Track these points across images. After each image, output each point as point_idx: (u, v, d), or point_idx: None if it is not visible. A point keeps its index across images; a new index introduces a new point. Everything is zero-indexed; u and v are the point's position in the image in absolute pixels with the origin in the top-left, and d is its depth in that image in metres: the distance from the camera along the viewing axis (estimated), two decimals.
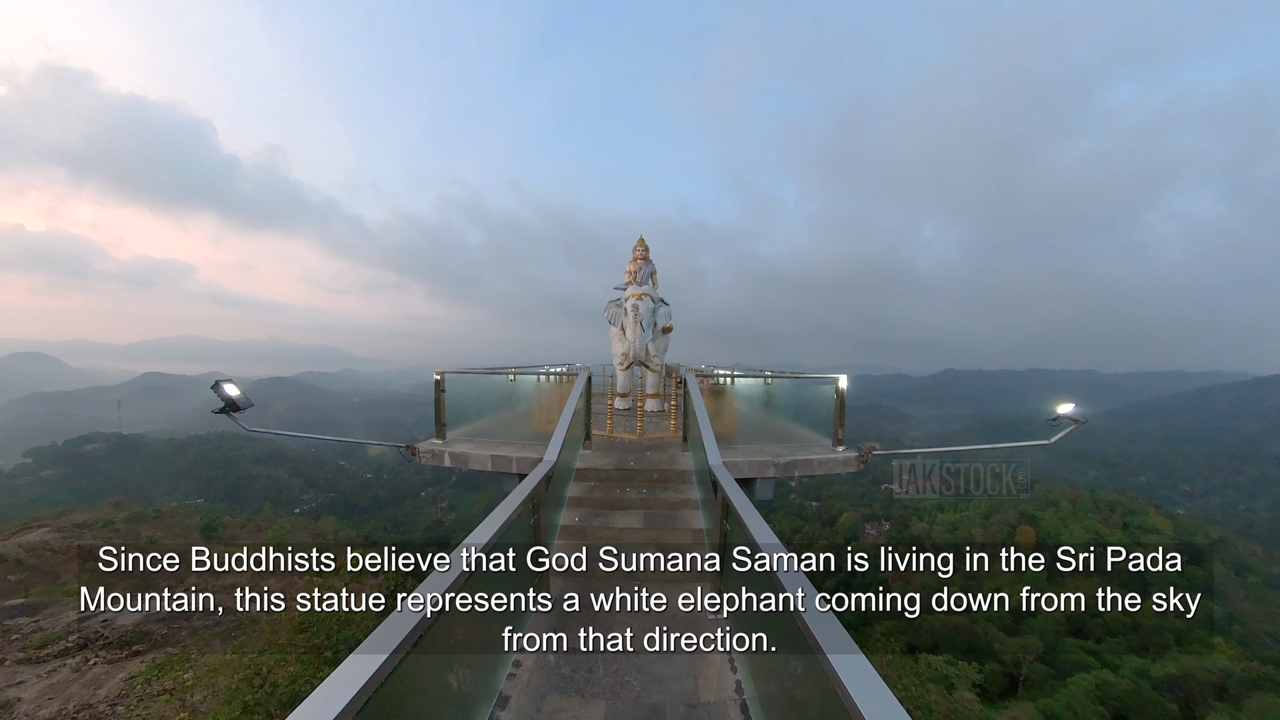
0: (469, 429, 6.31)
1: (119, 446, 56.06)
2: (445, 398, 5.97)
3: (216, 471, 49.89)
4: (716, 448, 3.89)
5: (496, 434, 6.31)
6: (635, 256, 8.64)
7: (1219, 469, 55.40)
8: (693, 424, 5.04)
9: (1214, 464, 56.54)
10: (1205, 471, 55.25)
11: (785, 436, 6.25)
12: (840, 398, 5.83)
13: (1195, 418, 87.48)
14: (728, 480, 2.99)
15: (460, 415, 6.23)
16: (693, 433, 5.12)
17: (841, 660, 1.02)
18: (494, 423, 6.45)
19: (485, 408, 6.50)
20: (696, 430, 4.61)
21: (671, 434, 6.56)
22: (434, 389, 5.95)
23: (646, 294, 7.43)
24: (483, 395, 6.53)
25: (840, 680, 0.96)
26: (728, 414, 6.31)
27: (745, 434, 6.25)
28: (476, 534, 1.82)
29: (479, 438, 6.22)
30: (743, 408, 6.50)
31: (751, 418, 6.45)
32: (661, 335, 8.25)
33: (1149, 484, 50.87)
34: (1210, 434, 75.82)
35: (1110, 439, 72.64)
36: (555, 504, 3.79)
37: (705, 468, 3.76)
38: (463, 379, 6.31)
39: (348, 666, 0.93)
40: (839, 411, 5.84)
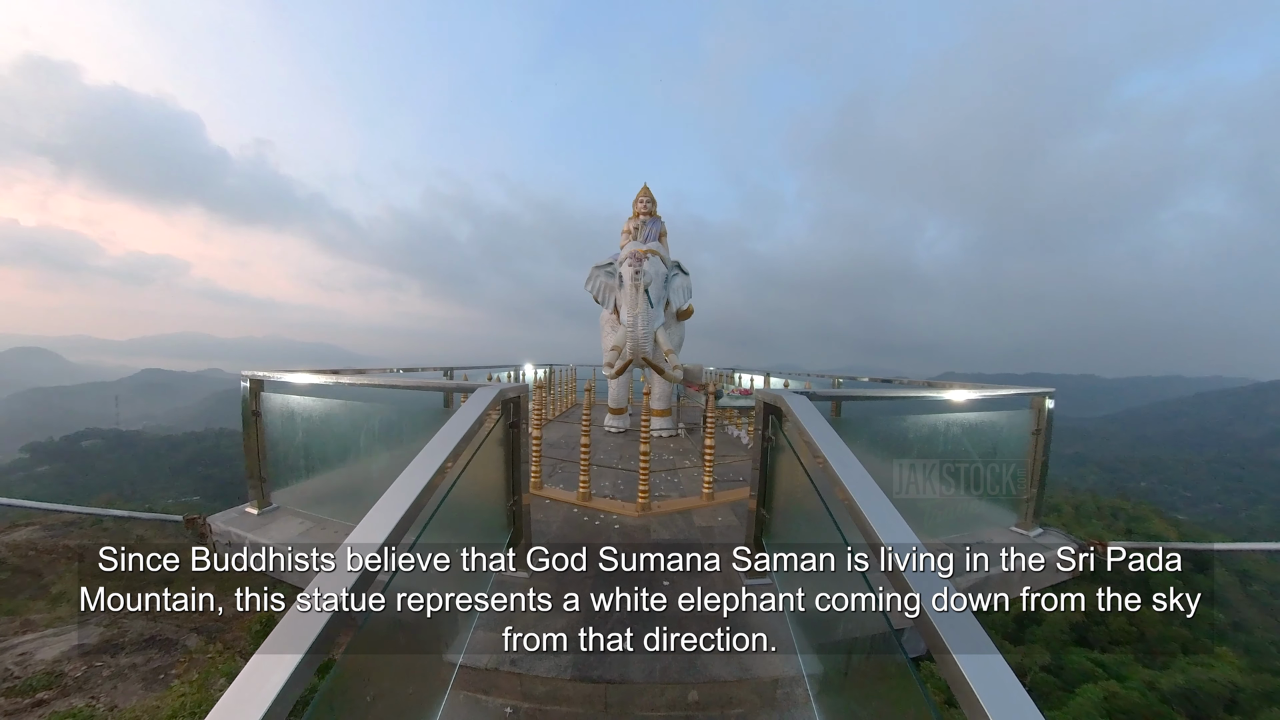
0: (319, 484, 2.95)
1: (116, 443, 55.91)
2: (265, 427, 2.92)
3: (214, 469, 49.75)
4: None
5: (364, 497, 1.96)
6: (636, 212, 6.19)
7: (1220, 475, 55.30)
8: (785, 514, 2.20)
9: (1215, 470, 56.46)
10: (1206, 477, 55.16)
11: (916, 508, 2.77)
12: (1042, 433, 2.86)
13: (1196, 423, 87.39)
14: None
15: (309, 456, 2.93)
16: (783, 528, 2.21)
17: (972, 661, 0.86)
18: (361, 477, 2.79)
19: (346, 446, 2.84)
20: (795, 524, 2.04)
21: (704, 501, 3.50)
22: (243, 409, 2.89)
23: (655, 252, 5.13)
24: (350, 422, 2.83)
25: (966, 681, 0.83)
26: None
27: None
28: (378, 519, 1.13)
29: (329, 504, 2.92)
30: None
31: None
32: (676, 322, 5.70)
33: (1150, 489, 50.75)
34: (1211, 440, 75.69)
35: (1111, 444, 72.51)
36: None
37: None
38: (326, 385, 2.91)
39: (257, 665, 0.75)
40: (1037, 459, 2.86)
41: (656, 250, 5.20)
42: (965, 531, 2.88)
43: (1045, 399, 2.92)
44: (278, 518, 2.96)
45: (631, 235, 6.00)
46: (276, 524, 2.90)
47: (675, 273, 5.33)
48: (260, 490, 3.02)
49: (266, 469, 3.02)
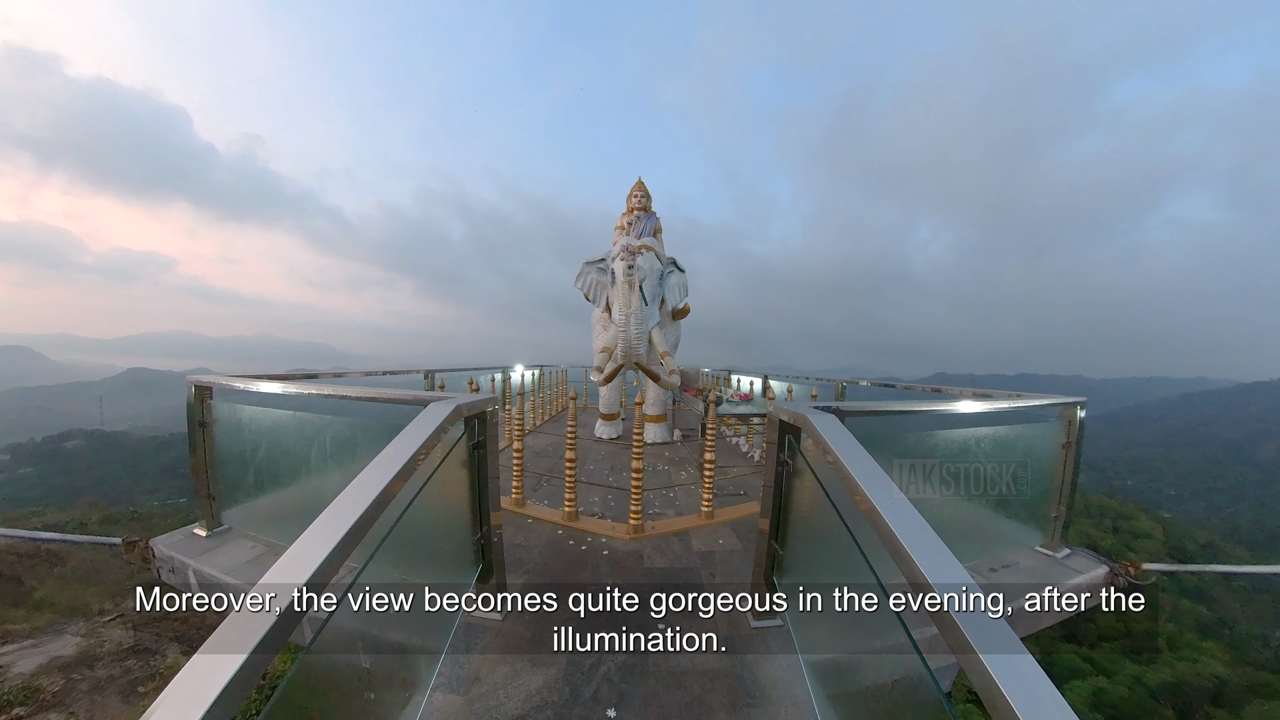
0: (275, 502, 2.60)
1: (100, 444, 54.98)
2: (214, 439, 2.63)
3: None
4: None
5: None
6: (630, 206, 5.92)
7: (1203, 473, 56.31)
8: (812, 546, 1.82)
9: (1198, 468, 57.47)
10: (1190, 476, 56.14)
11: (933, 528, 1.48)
12: (1073, 446, 2.66)
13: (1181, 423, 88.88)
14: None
15: (263, 472, 2.59)
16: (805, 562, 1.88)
17: (1000, 661, 0.79)
18: (323, 495, 1.68)
19: (299, 462, 2.49)
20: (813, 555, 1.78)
21: (702, 520, 3.21)
22: (188, 419, 2.59)
23: (649, 248, 4.82)
24: (302, 436, 2.47)
25: (995, 681, 0.77)
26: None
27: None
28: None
29: (287, 525, 2.58)
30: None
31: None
32: (672, 321, 5.54)
33: (1136, 488, 51.54)
34: (1195, 439, 77.01)
35: (1097, 443, 73.58)
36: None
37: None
38: (289, 393, 2.54)
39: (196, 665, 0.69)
40: (1066, 473, 2.65)
41: (651, 245, 4.91)
42: (987, 554, 2.62)
43: (1076, 409, 2.67)
44: (228, 541, 2.67)
45: (625, 231, 5.80)
46: (225, 549, 2.57)
47: (671, 269, 5.07)
48: (210, 510, 2.72)
49: (216, 486, 2.72)
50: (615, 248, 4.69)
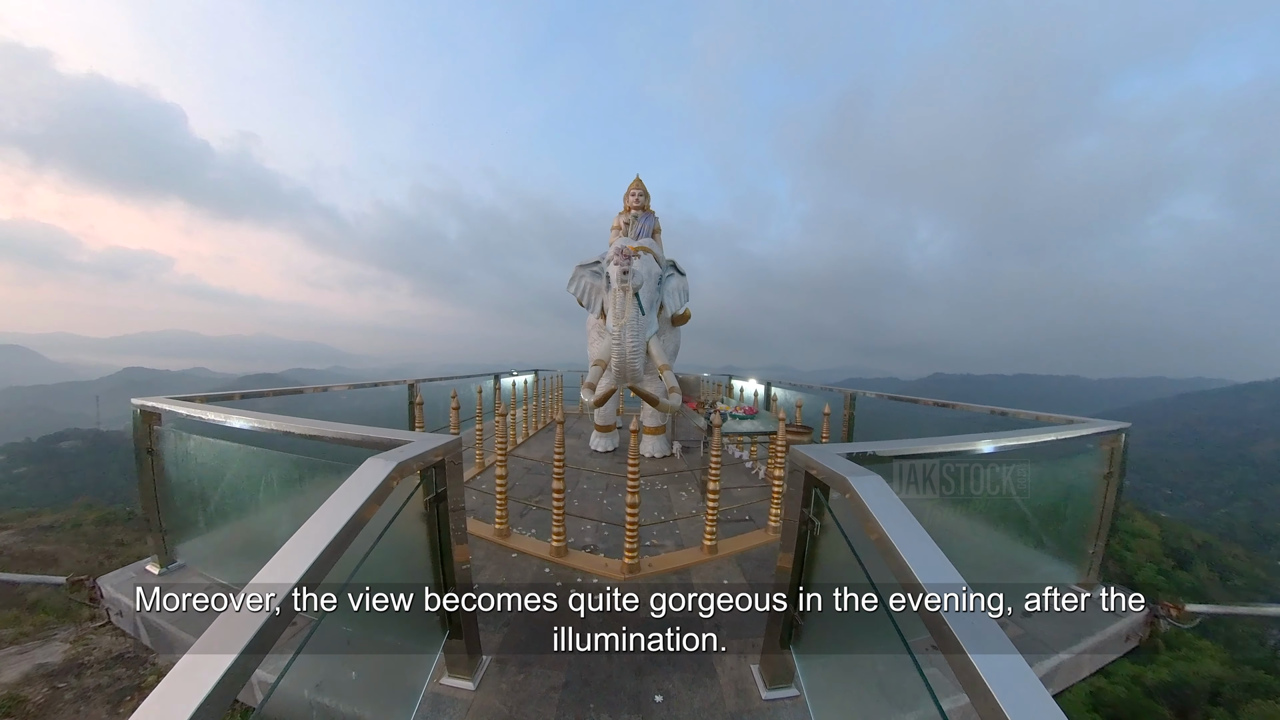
0: (233, 537, 2.32)
1: (97, 444, 54.79)
2: (164, 468, 2.43)
3: None
4: None
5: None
6: (628, 205, 5.65)
7: (1199, 473, 56.50)
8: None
9: (1194, 468, 57.67)
10: (1186, 476, 56.33)
11: (959, 564, 1.23)
12: (1115, 477, 2.46)
13: (1178, 423, 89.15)
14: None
15: (218, 504, 2.31)
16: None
17: (989, 661, 0.78)
18: (283, 531, 1.21)
19: (250, 496, 2.18)
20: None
21: (705, 555, 2.94)
22: (135, 444, 2.41)
23: (647, 249, 4.56)
24: (249, 471, 2.16)
25: (984, 681, 0.77)
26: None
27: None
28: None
29: (244, 563, 2.26)
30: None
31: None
32: (671, 328, 5.24)
33: (1133, 487, 51.76)
34: (1191, 439, 77.23)
35: None
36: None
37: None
38: (257, 405, 2.67)
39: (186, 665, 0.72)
40: (1107, 506, 2.47)
41: (649, 247, 4.63)
42: (1021, 593, 2.23)
43: (1120, 436, 2.44)
44: (181, 579, 2.44)
45: (622, 231, 5.53)
46: (177, 590, 2.27)
47: (670, 273, 4.75)
48: (162, 544, 2.48)
49: (167, 518, 2.47)
50: (610, 250, 4.44)
